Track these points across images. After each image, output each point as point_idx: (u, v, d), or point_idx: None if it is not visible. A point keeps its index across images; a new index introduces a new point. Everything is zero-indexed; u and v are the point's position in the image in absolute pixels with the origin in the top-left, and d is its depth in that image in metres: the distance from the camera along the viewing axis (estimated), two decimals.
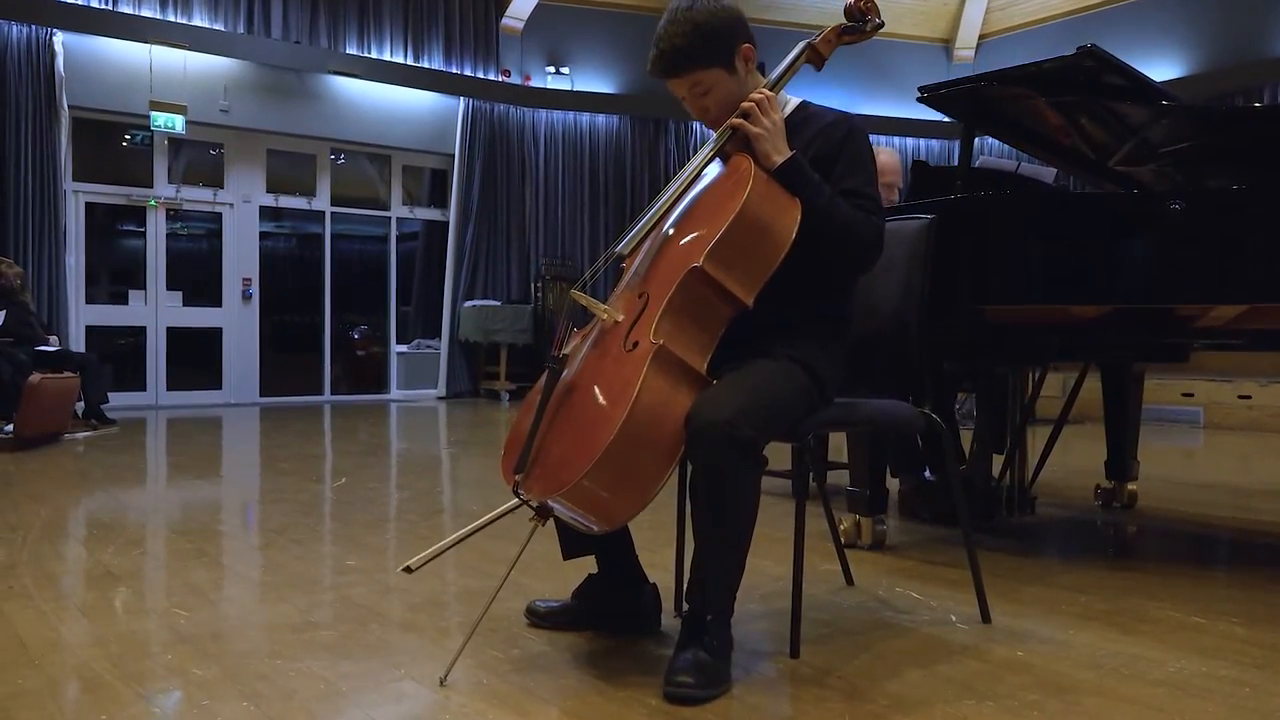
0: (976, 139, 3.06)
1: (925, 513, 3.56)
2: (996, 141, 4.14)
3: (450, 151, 10.86)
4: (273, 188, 10.27)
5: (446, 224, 10.98)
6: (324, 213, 10.58)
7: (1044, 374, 3.49)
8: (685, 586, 2.03)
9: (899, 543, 3.19)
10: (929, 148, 12.58)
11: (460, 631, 2.17)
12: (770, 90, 2.05)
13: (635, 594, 2.17)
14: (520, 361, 10.71)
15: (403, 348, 11.11)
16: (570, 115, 11.47)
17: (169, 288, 9.68)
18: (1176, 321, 2.90)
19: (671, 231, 2.00)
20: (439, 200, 11.34)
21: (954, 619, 2.31)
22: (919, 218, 2.34)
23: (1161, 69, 10.39)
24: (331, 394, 10.70)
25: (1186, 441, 6.94)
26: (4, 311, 6.74)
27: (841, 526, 3.11)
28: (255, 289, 10.13)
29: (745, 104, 2.01)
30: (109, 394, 7.62)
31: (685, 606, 1.86)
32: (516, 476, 1.89)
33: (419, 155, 11.08)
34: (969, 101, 2.89)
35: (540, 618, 2.21)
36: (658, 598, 2.20)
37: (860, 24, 2.15)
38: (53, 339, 7.42)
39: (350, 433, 7.33)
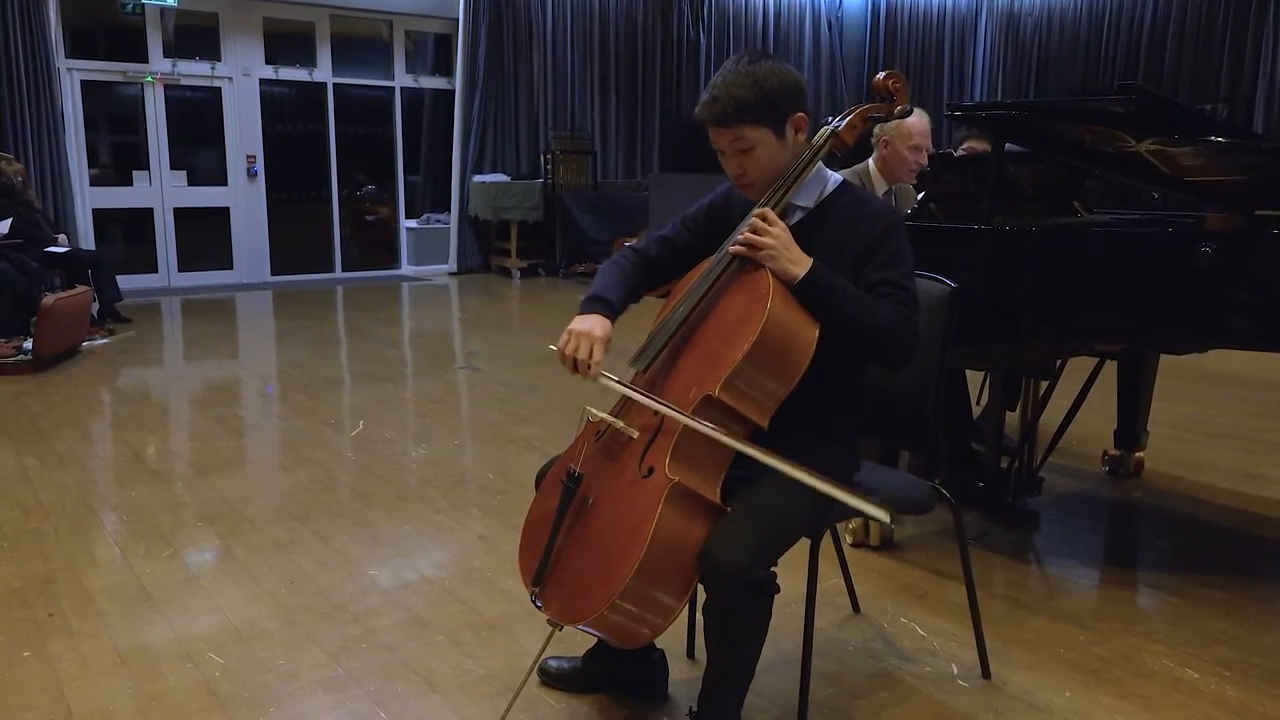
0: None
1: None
2: None
3: (454, 15, 10.39)
4: (271, 59, 9.91)
5: (452, 93, 10.64)
6: (326, 84, 10.25)
7: (1061, 369, 3.46)
8: (696, 635, 2.10)
9: (906, 540, 3.25)
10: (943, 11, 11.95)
11: (483, 687, 2.29)
12: (796, 178, 1.98)
13: (643, 661, 2.25)
14: (531, 237, 10.61)
15: (412, 223, 10.98)
16: None
17: (173, 167, 9.51)
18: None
19: (688, 343, 1.97)
20: (444, 68, 10.94)
21: (955, 671, 2.41)
22: (941, 281, 2.27)
23: None
24: (343, 270, 10.68)
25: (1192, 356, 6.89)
26: (10, 220, 6.65)
27: (850, 526, 3.18)
28: (260, 166, 9.94)
29: (743, 235, 1.94)
30: (119, 280, 7.62)
31: (693, 709, 1.94)
32: (534, 588, 1.94)
33: (422, 20, 10.61)
34: (999, 124, 2.74)
35: (552, 678, 2.31)
36: (665, 664, 2.29)
37: (888, 104, 2.04)
38: (61, 238, 7.36)
39: (364, 337, 7.36)
